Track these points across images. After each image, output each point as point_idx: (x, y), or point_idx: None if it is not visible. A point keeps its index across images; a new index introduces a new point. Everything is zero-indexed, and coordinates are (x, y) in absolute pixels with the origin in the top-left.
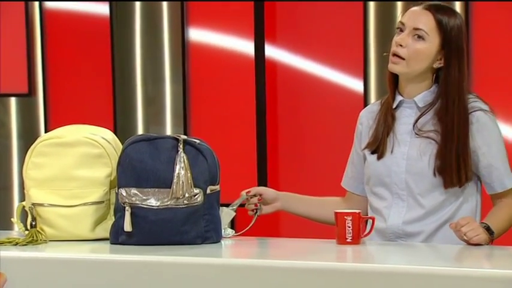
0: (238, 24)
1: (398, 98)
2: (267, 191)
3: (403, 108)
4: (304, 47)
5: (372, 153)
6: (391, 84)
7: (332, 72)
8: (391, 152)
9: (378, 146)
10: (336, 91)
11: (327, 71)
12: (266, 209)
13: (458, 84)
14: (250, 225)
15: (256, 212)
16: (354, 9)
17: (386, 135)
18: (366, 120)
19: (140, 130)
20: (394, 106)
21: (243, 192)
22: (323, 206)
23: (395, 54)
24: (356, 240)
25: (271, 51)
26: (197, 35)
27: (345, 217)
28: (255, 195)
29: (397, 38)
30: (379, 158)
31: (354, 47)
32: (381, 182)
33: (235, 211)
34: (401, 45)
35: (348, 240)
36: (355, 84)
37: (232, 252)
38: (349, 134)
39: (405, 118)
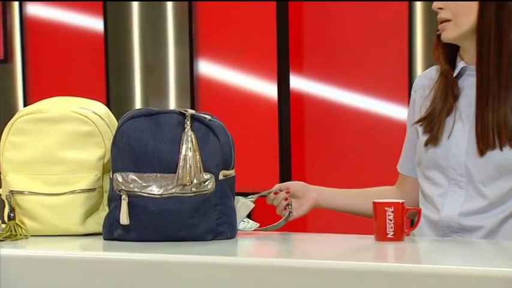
0: None
1: (460, 64)
2: (296, 185)
3: (466, 76)
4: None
5: (426, 132)
6: (443, 56)
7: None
8: (450, 130)
9: (432, 124)
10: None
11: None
12: (300, 207)
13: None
14: (279, 223)
15: (289, 214)
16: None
17: (445, 111)
18: (422, 88)
19: (138, 103)
20: (454, 74)
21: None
22: (370, 198)
23: (440, 22)
24: (399, 235)
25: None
26: None
27: (386, 208)
28: (280, 190)
29: (433, 5)
30: (433, 139)
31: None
32: (435, 164)
33: (254, 202)
34: (441, 8)
35: (389, 235)
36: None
37: (250, 250)
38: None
39: (468, 89)
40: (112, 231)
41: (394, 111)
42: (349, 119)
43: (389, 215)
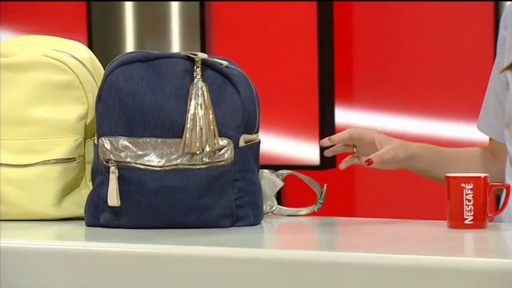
0: None
1: None
2: (368, 134)
3: None
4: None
5: None
6: None
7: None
8: None
9: None
10: None
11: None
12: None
13: None
14: (317, 204)
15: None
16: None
17: None
18: None
19: (130, 45)
20: None
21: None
22: (461, 160)
23: None
24: (480, 221)
25: None
26: None
27: (462, 185)
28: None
29: None
30: None
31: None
32: None
33: (283, 179)
34: None
35: (466, 221)
36: None
37: (280, 240)
38: None
39: None
40: (97, 215)
41: (466, 131)
42: None
43: (467, 195)
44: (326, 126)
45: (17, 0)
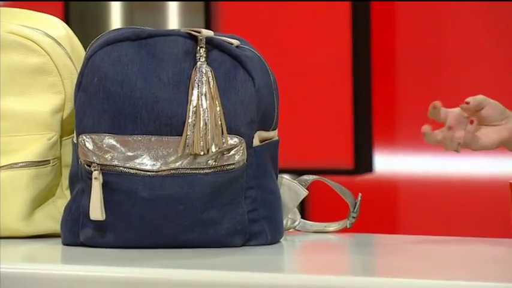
0: None
1: None
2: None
3: None
4: None
5: None
6: None
7: None
8: None
9: None
10: None
11: None
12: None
13: None
14: (350, 219)
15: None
16: None
17: None
18: None
19: (117, 20)
20: None
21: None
22: None
23: None
24: None
25: None
26: None
27: None
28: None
29: None
30: None
31: None
32: None
33: (308, 187)
34: None
35: None
36: None
37: (304, 263)
38: None
39: None
40: (77, 232)
41: None
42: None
43: None
44: (361, 119)
45: None
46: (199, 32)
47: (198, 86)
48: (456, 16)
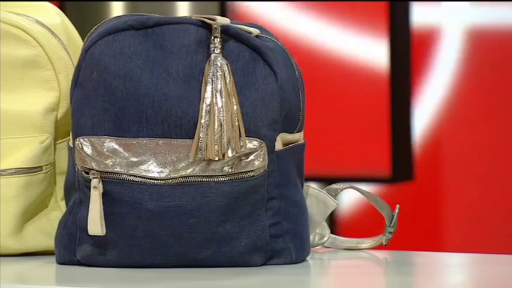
0: None
1: None
2: None
3: None
4: None
5: None
6: None
7: None
8: None
9: None
10: None
11: None
12: None
13: None
14: (386, 235)
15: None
16: None
17: None
18: None
19: (119, 7)
20: None
21: None
22: None
23: None
24: None
25: None
26: None
27: None
28: None
29: None
30: None
31: None
32: None
33: (337, 198)
34: None
35: None
36: None
37: (334, 285)
38: None
39: None
40: (73, 249)
41: None
42: None
43: None
44: (399, 119)
45: None
46: (213, 20)
47: (212, 81)
48: None
